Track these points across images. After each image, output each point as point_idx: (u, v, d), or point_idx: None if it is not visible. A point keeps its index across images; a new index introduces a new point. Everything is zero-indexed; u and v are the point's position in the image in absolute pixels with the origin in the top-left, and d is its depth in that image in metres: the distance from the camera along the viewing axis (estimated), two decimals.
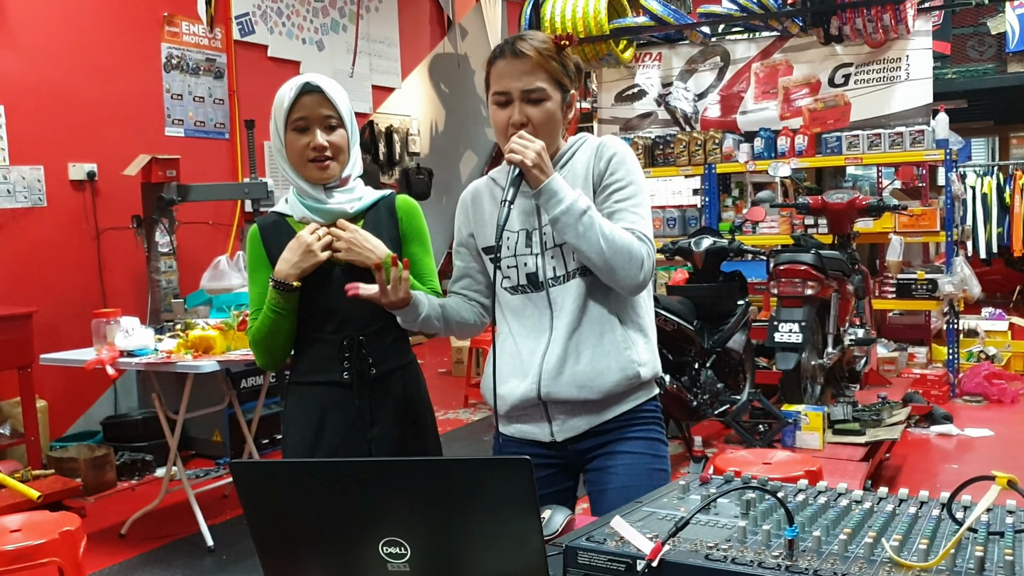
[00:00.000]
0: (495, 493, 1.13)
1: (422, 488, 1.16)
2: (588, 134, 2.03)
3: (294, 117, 2.04)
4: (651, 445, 1.97)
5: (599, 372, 1.90)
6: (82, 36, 5.74)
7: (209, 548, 4.03)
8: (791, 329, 4.50)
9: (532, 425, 1.98)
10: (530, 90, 1.89)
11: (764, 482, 1.29)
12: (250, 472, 1.23)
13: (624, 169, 1.92)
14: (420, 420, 2.18)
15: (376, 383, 2.09)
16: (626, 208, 1.90)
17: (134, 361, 3.94)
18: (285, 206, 2.14)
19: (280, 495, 1.21)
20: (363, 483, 1.17)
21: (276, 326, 2.04)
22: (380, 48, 8.64)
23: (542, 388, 1.91)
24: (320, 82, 2.05)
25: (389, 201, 2.17)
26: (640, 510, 1.29)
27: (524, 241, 1.96)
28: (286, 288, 2.00)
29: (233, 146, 6.84)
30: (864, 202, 5.31)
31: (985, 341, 7.17)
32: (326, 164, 2.05)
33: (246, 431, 4.68)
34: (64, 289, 5.53)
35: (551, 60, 1.90)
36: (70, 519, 2.91)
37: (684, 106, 7.31)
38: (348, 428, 2.08)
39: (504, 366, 1.98)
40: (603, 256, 1.80)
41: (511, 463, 1.12)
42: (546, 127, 1.91)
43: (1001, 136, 13.55)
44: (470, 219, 2.08)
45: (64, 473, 4.75)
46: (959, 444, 5.33)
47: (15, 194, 5.32)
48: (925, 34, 6.52)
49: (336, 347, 2.07)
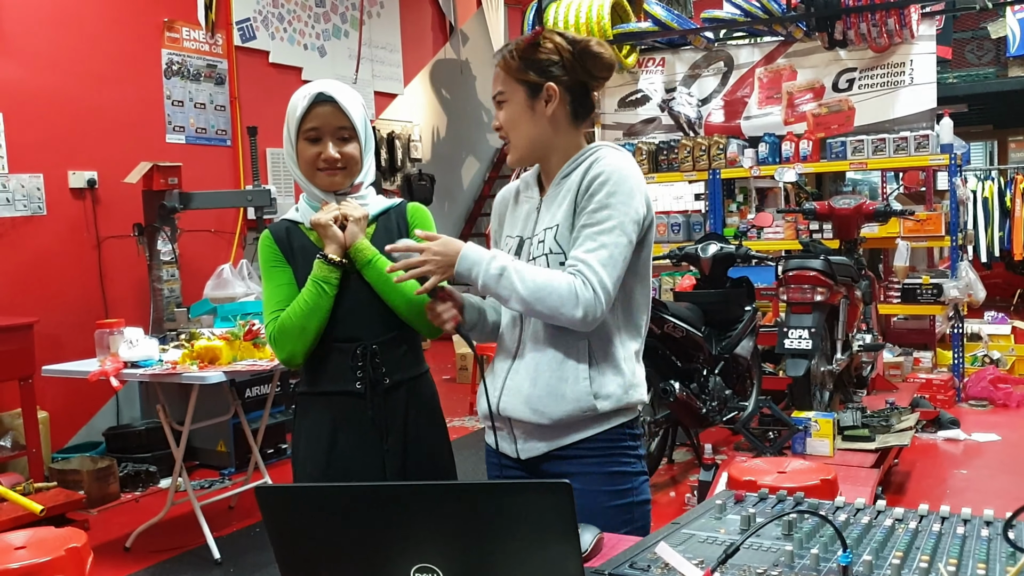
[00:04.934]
0: (533, 517, 1.09)
1: (456, 513, 1.12)
2: (605, 146, 1.93)
3: (306, 127, 2.01)
4: (608, 479, 1.86)
5: (553, 398, 1.83)
6: (81, 42, 5.70)
7: (216, 561, 3.98)
8: (801, 335, 4.46)
9: (501, 439, 1.96)
10: (495, 95, 1.92)
11: (815, 506, 1.25)
12: (276, 497, 1.19)
13: (603, 192, 1.80)
14: (434, 432, 2.14)
15: (389, 393, 2.05)
16: (585, 235, 1.80)
17: (139, 372, 3.89)
18: (295, 214, 2.12)
19: (308, 520, 1.17)
20: (395, 507, 1.13)
21: (318, 302, 1.98)
22: (382, 54, 8.61)
23: (501, 403, 1.90)
24: (334, 92, 2.01)
25: (400, 208, 2.16)
26: (678, 532, 1.25)
27: (515, 249, 1.95)
28: (333, 263, 1.98)
29: (235, 153, 6.80)
30: (871, 207, 5.28)
31: (989, 345, 7.14)
32: (335, 174, 2.03)
33: (252, 441, 4.64)
34: (65, 299, 5.48)
35: (512, 60, 1.87)
36: (77, 535, 2.85)
37: (688, 111, 7.29)
38: (361, 440, 2.03)
39: (489, 375, 1.98)
40: (526, 304, 1.76)
41: (550, 487, 1.08)
42: (511, 127, 1.90)
43: (1000, 140, 13.55)
44: (493, 224, 2.09)
45: (67, 485, 4.70)
46: (967, 449, 5.29)
47: (14, 203, 5.28)
48: (929, 38, 6.49)
49: (349, 356, 2.02)
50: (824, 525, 1.24)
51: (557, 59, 1.87)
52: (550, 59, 1.87)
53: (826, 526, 1.23)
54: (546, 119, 1.89)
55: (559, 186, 1.91)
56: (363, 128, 2.06)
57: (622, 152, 1.89)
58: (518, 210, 2.01)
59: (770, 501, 1.40)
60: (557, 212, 1.88)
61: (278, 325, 2.01)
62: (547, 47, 1.87)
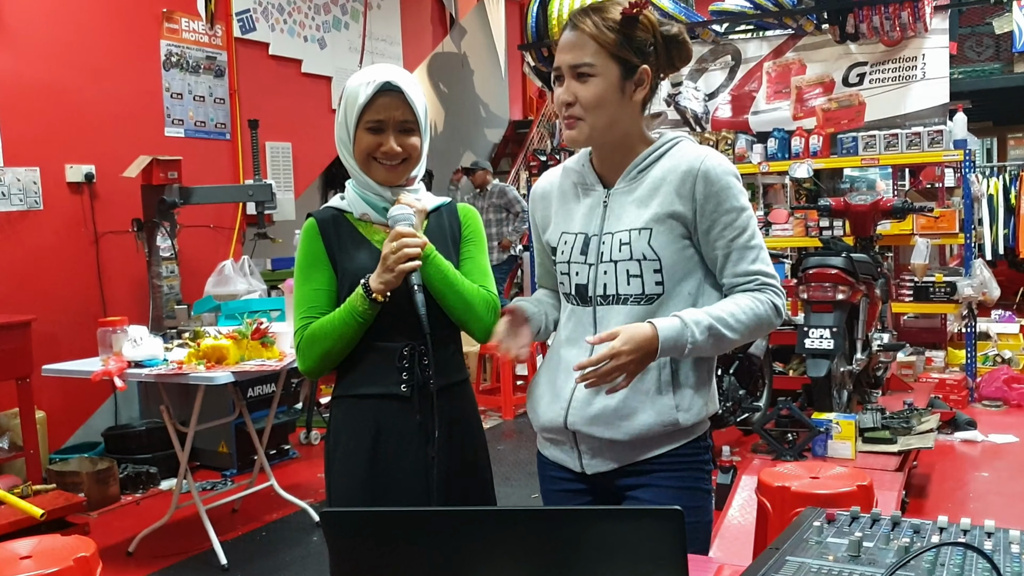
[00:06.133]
0: (638, 546, 0.97)
1: (547, 540, 1.00)
2: (685, 137, 1.79)
3: (368, 118, 1.87)
4: (682, 495, 1.73)
5: (631, 412, 1.69)
6: (78, 33, 5.54)
7: (223, 567, 3.85)
8: (822, 335, 4.35)
9: (562, 452, 1.82)
10: (577, 65, 1.69)
11: (979, 545, 1.13)
12: (344, 521, 1.06)
13: (731, 196, 1.69)
14: (476, 441, 2.02)
15: (435, 398, 1.90)
16: (741, 246, 1.70)
17: (144, 372, 3.75)
18: (341, 202, 1.98)
19: (378, 547, 1.04)
20: (478, 534, 1.01)
21: (347, 332, 1.85)
22: (382, 47, 8.46)
23: (568, 417, 1.75)
24: (401, 82, 1.87)
25: (451, 208, 2.04)
26: (786, 561, 1.13)
27: (580, 247, 1.78)
28: (372, 300, 1.83)
29: (234, 147, 6.65)
30: (889, 203, 5.18)
31: (999, 344, 7.06)
32: (395, 168, 1.90)
33: (257, 442, 4.51)
34: (62, 296, 5.33)
35: (609, 32, 1.67)
36: (85, 544, 2.71)
37: (694, 106, 7.16)
38: (406, 445, 1.90)
39: (545, 378, 1.83)
40: (745, 339, 1.69)
41: (659, 513, 0.97)
42: (595, 105, 1.70)
43: (999, 137, 13.50)
44: (536, 218, 1.94)
45: (66, 487, 4.55)
46: (985, 451, 5.20)
47: (10, 197, 5.13)
48: (942, 32, 6.40)
49: (395, 357, 1.89)
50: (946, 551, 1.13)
51: (652, 41, 1.72)
52: (647, 40, 1.71)
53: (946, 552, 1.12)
54: (632, 104, 1.73)
55: (637, 180, 1.76)
56: (425, 121, 1.93)
57: (703, 147, 1.76)
58: (574, 203, 1.84)
59: (865, 521, 1.29)
60: (643, 212, 1.72)
61: (306, 336, 1.89)
62: (646, 25, 1.71)
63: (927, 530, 1.25)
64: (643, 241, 1.70)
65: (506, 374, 6.58)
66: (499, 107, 11.26)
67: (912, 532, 1.23)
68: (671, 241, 1.70)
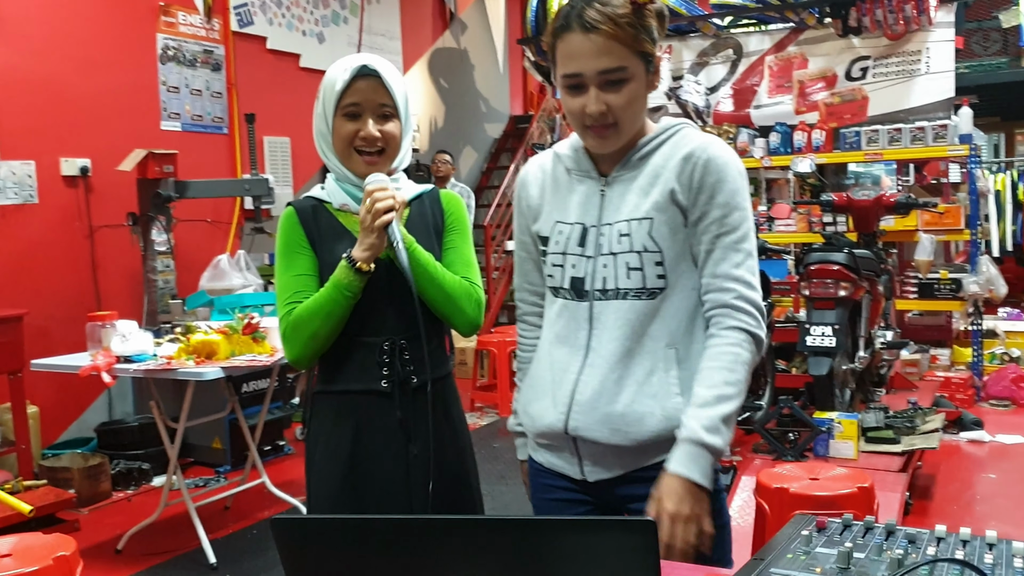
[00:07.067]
0: (607, 559, 0.91)
1: (513, 551, 0.94)
2: (688, 124, 1.67)
3: (346, 102, 1.82)
4: None
5: (639, 417, 1.57)
6: (75, 26, 5.49)
7: (211, 565, 3.80)
8: (824, 332, 4.27)
9: (560, 459, 1.69)
10: (608, 71, 1.54)
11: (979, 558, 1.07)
12: (295, 531, 0.99)
13: (727, 190, 1.57)
14: (460, 438, 1.97)
15: (417, 394, 1.85)
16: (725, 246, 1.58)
17: (132, 368, 3.69)
18: (321, 192, 1.93)
19: (334, 559, 0.98)
20: (442, 545, 0.95)
21: (335, 309, 1.78)
22: (381, 41, 8.40)
23: (570, 421, 1.61)
24: (378, 66, 1.83)
25: (433, 194, 1.98)
26: (770, 573, 1.06)
27: (578, 238, 1.65)
28: (360, 271, 1.77)
29: (231, 141, 6.59)
30: (892, 199, 5.10)
31: (1006, 342, 6.97)
32: (374, 160, 1.85)
33: (249, 438, 4.45)
34: (56, 290, 5.28)
35: (628, 27, 1.53)
36: (65, 543, 2.67)
37: (696, 100, 7.08)
38: (387, 444, 1.84)
39: (536, 379, 1.71)
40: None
41: (630, 525, 0.90)
42: (630, 112, 1.57)
43: (1007, 132, 13.38)
44: (522, 207, 1.77)
45: (57, 483, 4.51)
46: (992, 451, 5.12)
47: (5, 190, 5.08)
48: (947, 25, 6.31)
49: (375, 352, 1.83)
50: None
51: (655, 24, 1.59)
52: (653, 24, 1.58)
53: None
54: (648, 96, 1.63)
55: (637, 168, 1.63)
56: (404, 107, 1.88)
57: (708, 135, 1.64)
58: (566, 192, 1.70)
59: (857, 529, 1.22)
60: (643, 201, 1.61)
61: (291, 322, 1.82)
62: (651, 10, 1.57)
63: (923, 540, 1.18)
64: (643, 232, 1.59)
65: (503, 370, 6.52)
66: (499, 102, 11.18)
67: (907, 543, 1.16)
68: (673, 232, 1.59)
